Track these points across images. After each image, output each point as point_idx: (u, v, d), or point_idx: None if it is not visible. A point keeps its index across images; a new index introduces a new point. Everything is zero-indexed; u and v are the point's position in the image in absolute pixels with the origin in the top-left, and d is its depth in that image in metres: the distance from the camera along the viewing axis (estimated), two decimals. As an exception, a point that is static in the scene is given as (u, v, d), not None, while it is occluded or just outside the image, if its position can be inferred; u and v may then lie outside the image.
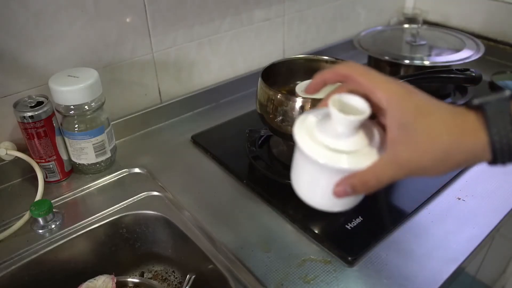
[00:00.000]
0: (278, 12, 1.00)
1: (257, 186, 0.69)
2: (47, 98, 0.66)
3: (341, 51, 1.16)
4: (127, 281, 0.60)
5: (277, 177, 0.69)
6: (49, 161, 0.69)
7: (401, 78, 0.67)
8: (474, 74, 0.63)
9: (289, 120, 0.64)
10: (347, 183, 0.38)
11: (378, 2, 1.24)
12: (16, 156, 0.68)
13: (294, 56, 0.79)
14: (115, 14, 0.75)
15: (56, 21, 0.69)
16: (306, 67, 0.78)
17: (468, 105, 0.35)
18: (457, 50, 0.97)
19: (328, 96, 0.41)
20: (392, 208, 0.66)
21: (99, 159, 0.72)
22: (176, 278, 0.69)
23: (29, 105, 0.65)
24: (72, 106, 0.66)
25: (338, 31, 1.17)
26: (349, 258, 0.56)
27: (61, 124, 0.69)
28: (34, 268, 0.59)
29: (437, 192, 0.68)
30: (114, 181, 0.73)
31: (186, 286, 0.59)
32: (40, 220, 0.62)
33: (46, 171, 0.70)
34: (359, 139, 0.39)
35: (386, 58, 0.95)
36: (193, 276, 0.60)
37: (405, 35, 1.07)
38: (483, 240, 0.60)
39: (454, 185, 0.70)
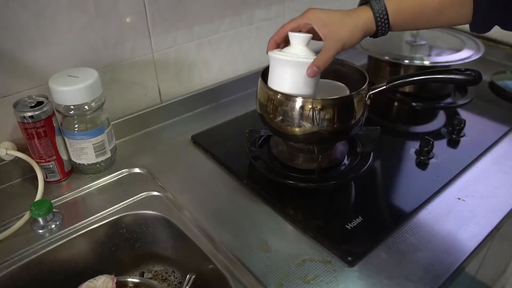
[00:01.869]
0: (278, 12, 1.00)
1: (257, 186, 0.69)
2: (47, 98, 0.66)
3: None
4: (127, 281, 0.60)
5: (277, 177, 0.69)
6: (49, 161, 0.69)
7: (401, 78, 0.67)
8: (474, 74, 0.63)
9: (289, 120, 0.64)
10: (312, 65, 0.61)
11: (378, 2, 1.24)
12: (16, 156, 0.68)
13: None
14: (115, 14, 0.75)
15: (56, 21, 0.69)
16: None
17: (360, 3, 0.62)
18: (457, 50, 0.98)
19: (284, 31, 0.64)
20: (392, 208, 0.66)
21: (99, 159, 0.72)
22: (176, 278, 0.69)
23: (29, 105, 0.65)
24: (72, 106, 0.66)
25: (338, 31, 1.17)
26: (349, 258, 0.56)
27: (61, 124, 0.69)
28: (34, 268, 0.59)
29: (437, 192, 0.68)
30: (114, 181, 0.73)
31: (186, 286, 0.59)
32: (40, 220, 0.62)
33: (46, 171, 0.70)
34: (309, 51, 0.63)
35: (386, 58, 0.95)
36: (193, 276, 0.60)
37: (405, 35, 1.07)
38: (483, 240, 0.60)
39: (454, 185, 0.70)
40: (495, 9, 0.57)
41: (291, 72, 0.63)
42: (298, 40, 0.63)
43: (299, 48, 0.63)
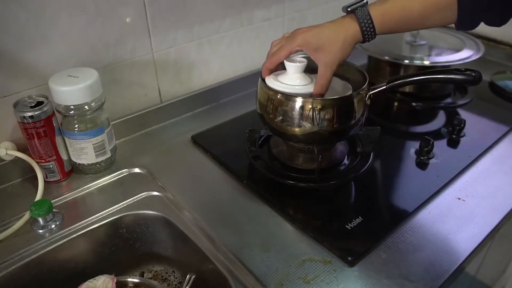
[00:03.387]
0: (278, 12, 1.00)
1: (257, 186, 0.69)
2: (47, 98, 0.66)
3: (341, 51, 1.16)
4: (127, 281, 0.60)
5: (277, 177, 0.69)
6: (49, 161, 0.69)
7: (401, 78, 0.67)
8: (474, 74, 0.63)
9: (289, 120, 0.64)
10: (315, 94, 0.64)
11: (378, 2, 1.24)
12: (16, 156, 0.68)
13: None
14: (115, 14, 0.75)
15: (56, 21, 0.69)
16: (306, 67, 0.78)
17: (345, 12, 0.63)
18: (457, 50, 0.97)
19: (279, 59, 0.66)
20: (392, 208, 0.66)
21: (99, 159, 0.72)
22: (176, 278, 0.69)
23: (29, 105, 0.65)
24: (72, 106, 0.66)
25: (338, 31, 1.17)
26: (349, 258, 0.56)
27: (61, 124, 0.69)
28: (34, 268, 0.59)
29: (437, 192, 0.68)
30: (114, 181, 0.73)
31: (186, 286, 0.59)
32: (40, 220, 0.62)
33: (46, 171, 0.70)
34: (305, 77, 0.67)
35: (386, 58, 0.95)
36: (193, 276, 0.60)
37: (405, 35, 1.07)
38: (483, 240, 0.60)
39: (454, 185, 0.70)
40: (479, 8, 0.58)
41: None
42: (294, 69, 0.66)
43: (296, 76, 0.67)
